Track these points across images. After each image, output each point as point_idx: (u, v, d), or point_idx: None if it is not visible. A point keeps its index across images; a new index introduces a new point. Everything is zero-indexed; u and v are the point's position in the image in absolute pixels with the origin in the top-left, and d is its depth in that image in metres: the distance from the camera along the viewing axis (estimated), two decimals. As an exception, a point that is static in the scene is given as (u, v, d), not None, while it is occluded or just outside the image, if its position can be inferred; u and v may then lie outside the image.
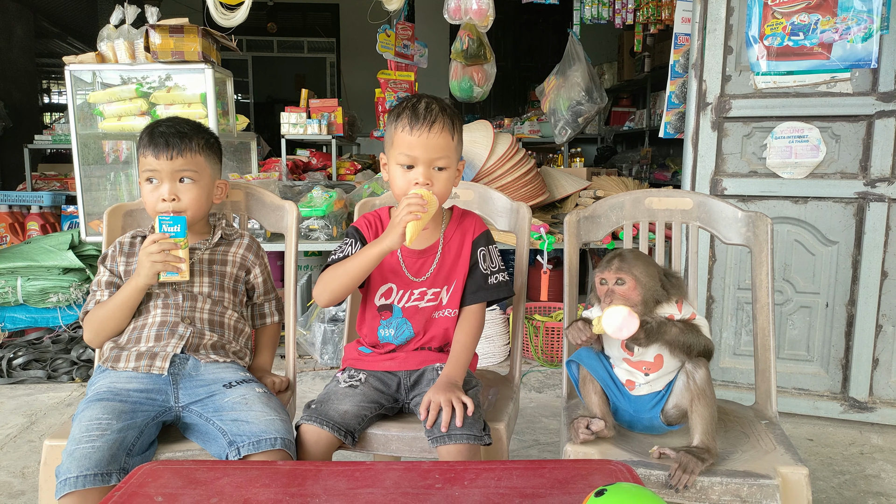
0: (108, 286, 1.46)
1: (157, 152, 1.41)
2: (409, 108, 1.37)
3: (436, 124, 1.35)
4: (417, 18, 5.47)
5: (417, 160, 1.35)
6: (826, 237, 2.41)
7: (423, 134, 1.34)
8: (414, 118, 1.35)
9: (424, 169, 1.36)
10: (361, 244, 1.43)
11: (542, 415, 2.57)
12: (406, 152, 1.35)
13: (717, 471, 1.19)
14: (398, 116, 1.38)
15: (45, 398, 2.72)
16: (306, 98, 4.47)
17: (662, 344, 1.27)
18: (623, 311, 1.21)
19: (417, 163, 1.35)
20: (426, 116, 1.35)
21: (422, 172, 1.35)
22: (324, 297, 1.40)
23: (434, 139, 1.35)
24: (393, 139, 1.38)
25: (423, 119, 1.35)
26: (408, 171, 1.36)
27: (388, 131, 1.41)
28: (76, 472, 1.12)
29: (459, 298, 1.46)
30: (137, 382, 1.34)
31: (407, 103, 1.39)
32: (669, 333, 1.26)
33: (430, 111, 1.36)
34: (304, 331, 3.14)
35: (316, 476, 0.96)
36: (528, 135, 5.57)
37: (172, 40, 2.83)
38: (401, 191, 1.37)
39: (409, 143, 1.35)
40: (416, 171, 1.36)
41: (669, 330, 1.26)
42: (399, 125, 1.36)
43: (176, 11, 3.40)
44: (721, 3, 2.40)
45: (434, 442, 1.26)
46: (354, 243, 1.43)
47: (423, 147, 1.35)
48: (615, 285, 1.28)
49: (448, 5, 3.36)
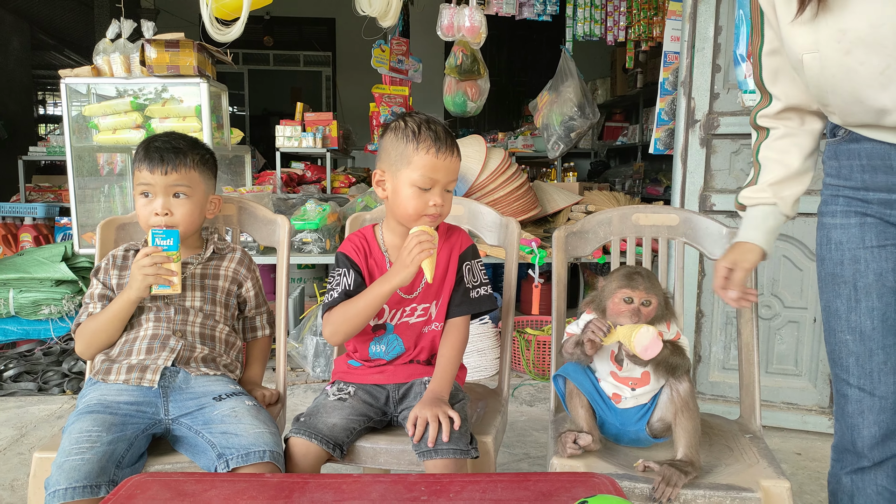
0: (100, 299, 1.48)
1: (153, 167, 1.43)
2: (427, 128, 1.37)
3: (454, 147, 1.38)
4: (412, 33, 5.52)
5: (437, 182, 1.36)
6: (813, 252, 2.43)
7: (447, 157, 1.36)
8: (437, 140, 1.35)
9: (441, 191, 1.37)
10: (355, 271, 1.43)
11: (532, 428, 2.58)
12: (429, 174, 1.35)
13: (700, 484, 1.20)
14: (417, 137, 1.35)
15: (36, 410, 2.72)
16: (301, 111, 4.50)
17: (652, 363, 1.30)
18: (653, 332, 1.23)
19: (436, 185, 1.36)
20: (447, 139, 1.37)
21: (438, 194, 1.37)
22: (337, 338, 1.42)
23: (454, 162, 1.38)
24: (410, 159, 1.35)
25: (445, 142, 1.36)
26: (425, 192, 1.36)
27: (395, 149, 1.38)
28: (65, 485, 1.13)
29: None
30: (128, 395, 1.35)
31: (420, 124, 1.37)
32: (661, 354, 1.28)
33: (448, 134, 1.38)
34: (296, 343, 3.15)
35: (303, 489, 0.97)
36: (521, 149, 5.61)
37: (168, 55, 2.86)
38: (415, 211, 1.36)
39: (434, 165, 1.35)
40: (433, 193, 1.36)
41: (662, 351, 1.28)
42: (421, 147, 1.35)
43: (173, 24, 3.44)
44: (709, 22, 2.45)
45: (421, 456, 1.27)
46: (348, 272, 1.43)
47: (446, 170, 1.36)
48: (642, 305, 1.29)
49: (441, 23, 3.41)
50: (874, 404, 1.19)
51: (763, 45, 1.26)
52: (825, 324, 1.27)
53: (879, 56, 1.05)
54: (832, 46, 1.09)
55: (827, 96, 1.16)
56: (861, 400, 1.21)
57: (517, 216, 3.22)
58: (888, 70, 1.06)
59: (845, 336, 1.22)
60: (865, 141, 1.17)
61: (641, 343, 1.21)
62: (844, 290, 1.22)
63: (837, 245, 1.22)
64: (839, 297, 1.23)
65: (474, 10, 3.35)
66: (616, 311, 1.31)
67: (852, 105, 1.13)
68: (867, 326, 1.20)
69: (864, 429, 1.21)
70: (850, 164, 1.21)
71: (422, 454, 1.27)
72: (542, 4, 4.03)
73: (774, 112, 1.31)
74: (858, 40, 1.06)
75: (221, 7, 2.47)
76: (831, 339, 1.26)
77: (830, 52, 1.09)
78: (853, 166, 1.20)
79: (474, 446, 1.30)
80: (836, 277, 1.23)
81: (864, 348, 1.20)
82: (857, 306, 1.21)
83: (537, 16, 4.06)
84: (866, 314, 1.20)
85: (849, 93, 1.12)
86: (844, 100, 1.14)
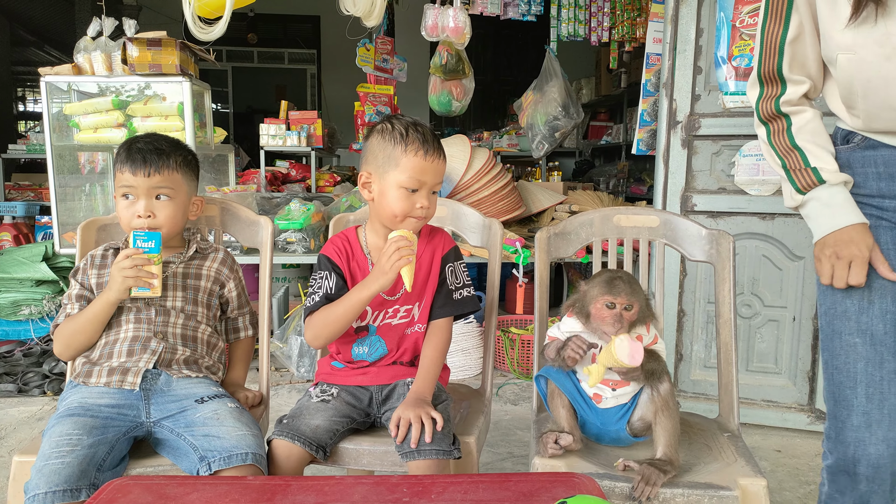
0: (78, 299, 1.47)
1: (135, 169, 1.42)
2: (415, 131, 1.38)
3: (440, 150, 1.40)
4: (397, 32, 5.51)
5: (425, 184, 1.38)
6: (793, 252, 2.47)
7: (434, 159, 1.38)
8: (426, 143, 1.37)
9: (427, 192, 1.39)
10: (336, 274, 1.43)
11: (517, 427, 2.59)
12: (417, 176, 1.36)
13: (679, 483, 1.22)
14: (405, 139, 1.37)
15: (16, 412, 2.69)
16: (286, 110, 4.49)
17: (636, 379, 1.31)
18: (627, 339, 1.24)
19: (423, 187, 1.38)
20: (434, 142, 1.39)
21: (425, 196, 1.38)
22: (319, 342, 1.42)
23: (441, 164, 1.40)
24: (398, 161, 1.36)
25: (433, 144, 1.38)
26: (412, 194, 1.38)
27: (383, 151, 1.38)
28: (45, 489, 1.12)
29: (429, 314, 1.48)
30: (109, 398, 1.34)
31: (408, 126, 1.39)
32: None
33: (435, 137, 1.40)
34: (280, 343, 3.14)
35: (285, 491, 0.97)
36: (506, 148, 5.62)
37: (150, 53, 2.83)
38: (402, 213, 1.38)
39: (422, 167, 1.36)
40: (420, 195, 1.38)
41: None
42: (410, 149, 1.36)
43: (155, 21, 3.41)
44: (691, 24, 2.47)
45: (404, 457, 1.28)
46: (330, 275, 1.43)
47: (433, 172, 1.38)
48: (624, 310, 1.31)
49: (425, 23, 3.41)
50: (883, 418, 1.07)
51: (787, 33, 1.18)
52: (828, 327, 1.16)
53: None
54: (873, 50, 1.04)
55: (856, 99, 1.11)
56: (869, 412, 1.08)
57: (501, 216, 3.23)
58: None
59: (854, 339, 1.12)
60: (883, 148, 1.13)
61: (624, 354, 1.23)
62: (857, 290, 1.12)
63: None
64: (850, 297, 1.13)
65: (458, 11, 3.36)
66: (599, 316, 1.32)
67: (884, 111, 1.09)
68: (879, 330, 1.11)
69: (871, 446, 1.08)
70: (864, 172, 1.16)
71: (405, 455, 1.27)
72: (527, 5, 4.04)
73: (798, 96, 1.22)
74: None
75: (204, 6, 2.45)
76: (835, 342, 1.15)
77: (870, 55, 1.05)
78: (868, 174, 1.15)
79: (457, 447, 1.31)
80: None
81: (874, 353, 1.10)
82: (869, 307, 1.11)
83: (522, 16, 4.07)
84: (879, 317, 1.11)
85: (882, 99, 1.07)
86: (876, 105, 1.09)
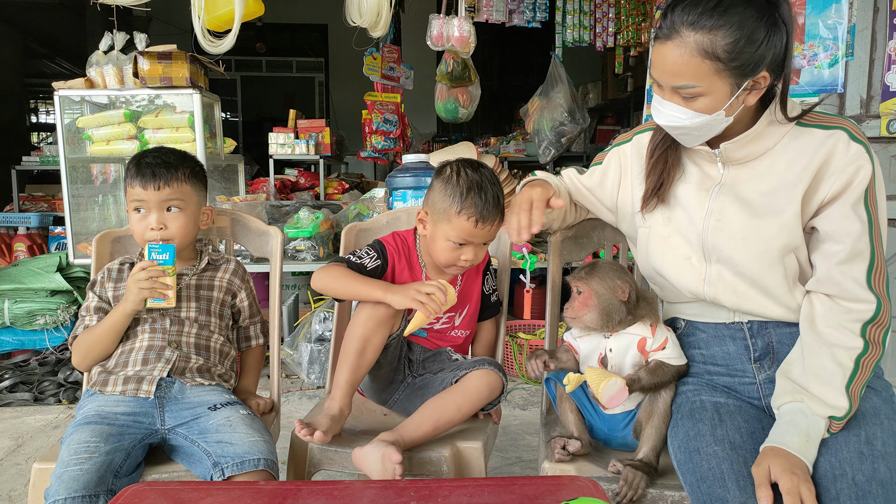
0: (96, 311, 1.50)
1: (145, 183, 1.46)
2: (476, 194, 1.37)
3: (498, 216, 1.41)
4: (403, 41, 5.56)
5: (473, 242, 1.42)
6: None
7: (486, 228, 1.40)
8: (483, 211, 1.37)
9: (475, 248, 1.43)
10: (381, 260, 1.48)
11: (525, 432, 2.61)
12: (466, 237, 1.40)
13: (667, 485, 1.24)
14: (462, 201, 1.37)
15: (32, 421, 2.73)
16: (294, 119, 4.54)
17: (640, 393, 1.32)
18: (620, 384, 1.25)
19: (472, 244, 1.42)
20: (494, 209, 1.39)
21: (472, 250, 1.42)
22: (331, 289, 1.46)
23: (495, 229, 1.43)
24: (451, 219, 1.38)
25: (490, 213, 1.39)
26: (459, 247, 1.41)
27: (441, 202, 1.40)
28: (65, 495, 1.16)
29: (469, 320, 1.58)
30: (125, 406, 1.38)
31: (471, 187, 1.37)
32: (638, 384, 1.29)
33: (496, 203, 1.39)
34: (290, 351, 3.17)
35: (296, 495, 1.00)
36: (513, 154, 5.65)
37: (160, 66, 2.89)
38: (446, 263, 1.44)
39: (472, 232, 1.40)
40: (466, 250, 1.42)
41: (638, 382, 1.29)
42: (464, 213, 1.37)
43: (165, 32, 3.47)
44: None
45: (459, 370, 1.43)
46: (375, 258, 1.48)
47: (484, 236, 1.42)
48: (577, 293, 1.34)
49: (431, 33, 3.45)
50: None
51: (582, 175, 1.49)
52: (683, 455, 1.17)
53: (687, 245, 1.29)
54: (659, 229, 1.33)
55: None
56: (745, 502, 1.04)
57: (508, 222, 3.25)
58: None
59: (713, 448, 1.14)
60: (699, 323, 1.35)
61: (608, 393, 1.25)
62: (706, 416, 1.20)
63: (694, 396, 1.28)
64: (701, 422, 1.19)
65: (463, 21, 3.39)
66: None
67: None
68: (736, 439, 1.15)
69: None
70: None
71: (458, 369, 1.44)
72: (532, 11, 4.07)
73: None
74: (676, 231, 1.31)
75: (213, 19, 2.50)
76: (695, 459, 1.14)
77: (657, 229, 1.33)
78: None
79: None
80: (694, 412, 1.22)
81: (736, 455, 1.12)
82: (721, 424, 1.18)
83: (527, 23, 4.10)
84: (734, 429, 1.17)
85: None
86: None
